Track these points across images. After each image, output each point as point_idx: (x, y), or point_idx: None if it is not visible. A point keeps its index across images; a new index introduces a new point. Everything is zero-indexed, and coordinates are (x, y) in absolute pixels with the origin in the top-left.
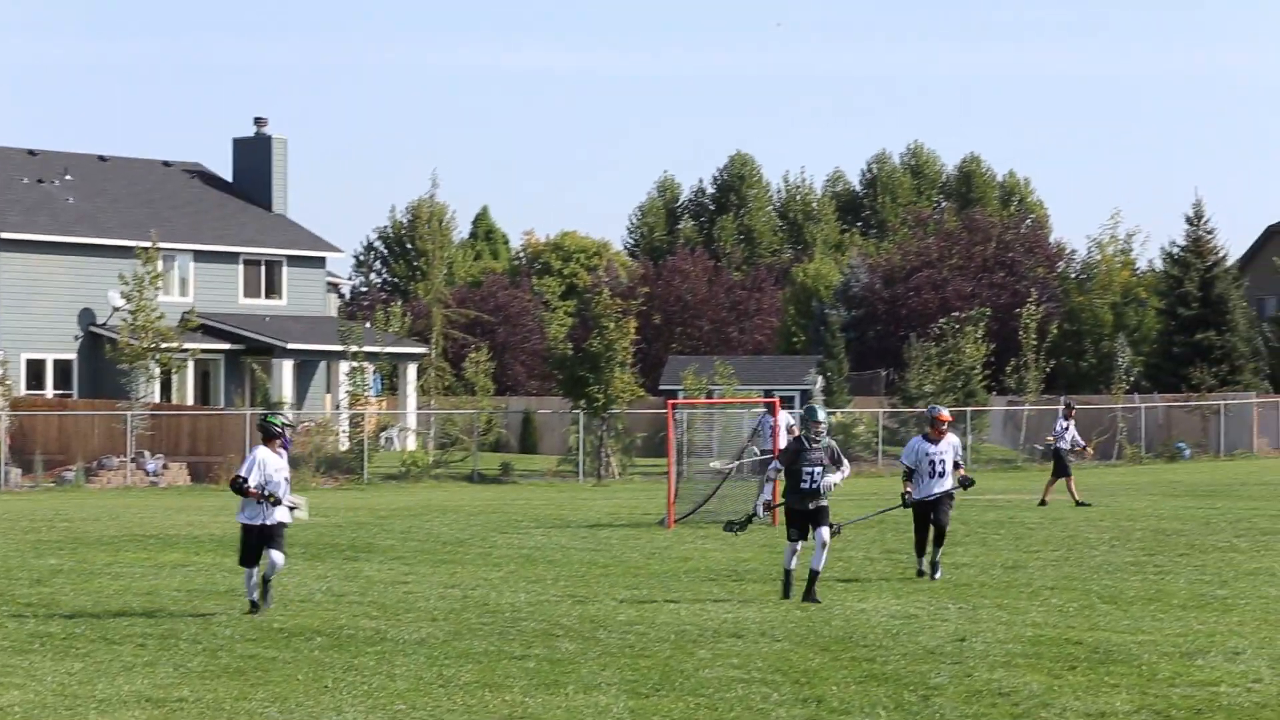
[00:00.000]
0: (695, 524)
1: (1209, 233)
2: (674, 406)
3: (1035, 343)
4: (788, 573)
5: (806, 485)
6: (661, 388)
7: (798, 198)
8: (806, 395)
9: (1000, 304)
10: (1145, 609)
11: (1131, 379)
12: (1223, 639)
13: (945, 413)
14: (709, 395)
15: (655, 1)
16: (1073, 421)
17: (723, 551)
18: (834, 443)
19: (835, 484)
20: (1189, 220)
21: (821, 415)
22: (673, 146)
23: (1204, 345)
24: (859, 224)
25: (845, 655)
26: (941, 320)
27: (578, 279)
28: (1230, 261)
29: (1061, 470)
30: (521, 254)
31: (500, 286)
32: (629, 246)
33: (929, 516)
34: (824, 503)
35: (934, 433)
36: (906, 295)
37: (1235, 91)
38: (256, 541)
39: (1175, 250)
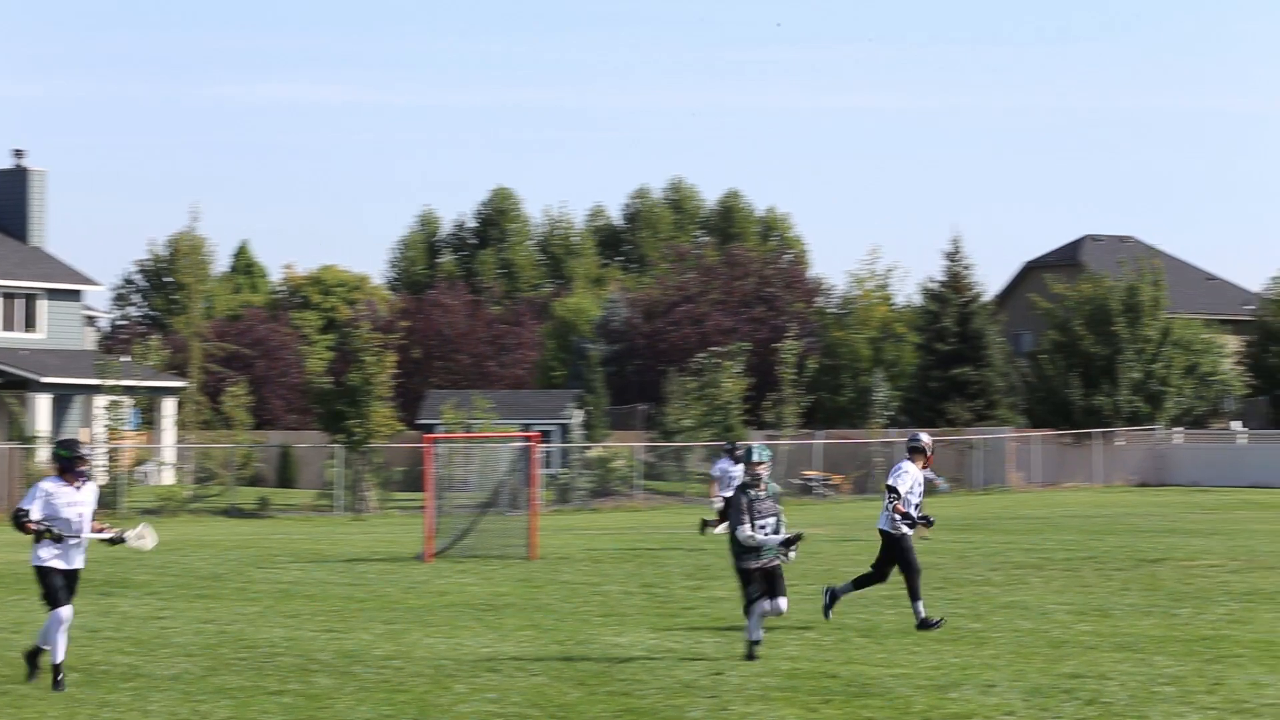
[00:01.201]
0: (453, 558)
1: (966, 269)
2: (432, 441)
3: (794, 377)
4: (754, 643)
5: (762, 540)
6: (420, 422)
7: (558, 232)
8: (565, 430)
9: (759, 338)
10: (900, 642)
11: (889, 413)
12: (977, 672)
13: (930, 440)
14: (468, 429)
15: (415, 34)
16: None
17: (480, 586)
18: (778, 487)
19: (791, 557)
20: (947, 256)
21: (761, 454)
22: (434, 180)
23: (961, 380)
24: (619, 258)
25: (602, 689)
26: (701, 355)
27: (337, 313)
28: (987, 297)
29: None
30: (281, 288)
31: (259, 320)
32: (389, 280)
33: (906, 555)
34: (778, 562)
35: (918, 458)
36: (666, 329)
37: (993, 129)
38: (65, 584)
39: (933, 286)
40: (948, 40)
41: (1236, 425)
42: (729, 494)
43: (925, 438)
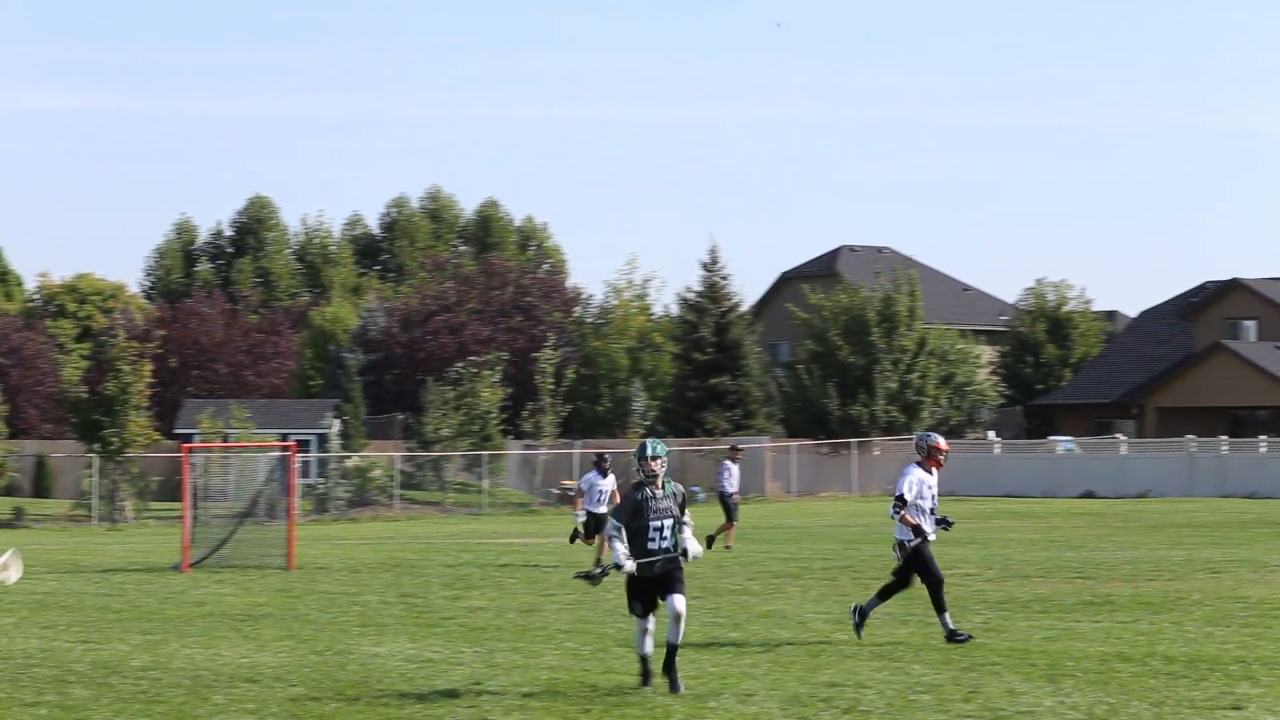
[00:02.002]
0: (210, 568)
1: (724, 279)
2: (189, 450)
3: (552, 387)
4: (644, 659)
5: (655, 544)
6: (177, 431)
7: (316, 241)
8: (323, 439)
9: (517, 348)
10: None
11: (647, 423)
12: (735, 681)
13: (944, 442)
14: (225, 439)
15: (171, 40)
16: (738, 465)
17: (238, 596)
18: (681, 487)
19: (697, 554)
20: (705, 267)
21: (656, 449)
22: (191, 188)
23: (718, 390)
24: (377, 267)
25: (361, 700)
26: (459, 364)
27: (93, 321)
28: (745, 307)
29: (730, 515)
30: (36, 296)
31: (14, 329)
32: (145, 289)
33: (924, 562)
34: (678, 566)
35: (931, 463)
36: (424, 339)
37: (750, 140)
38: None
39: (691, 296)
40: (701, 51)
41: (991, 435)
42: (597, 509)
43: (938, 439)
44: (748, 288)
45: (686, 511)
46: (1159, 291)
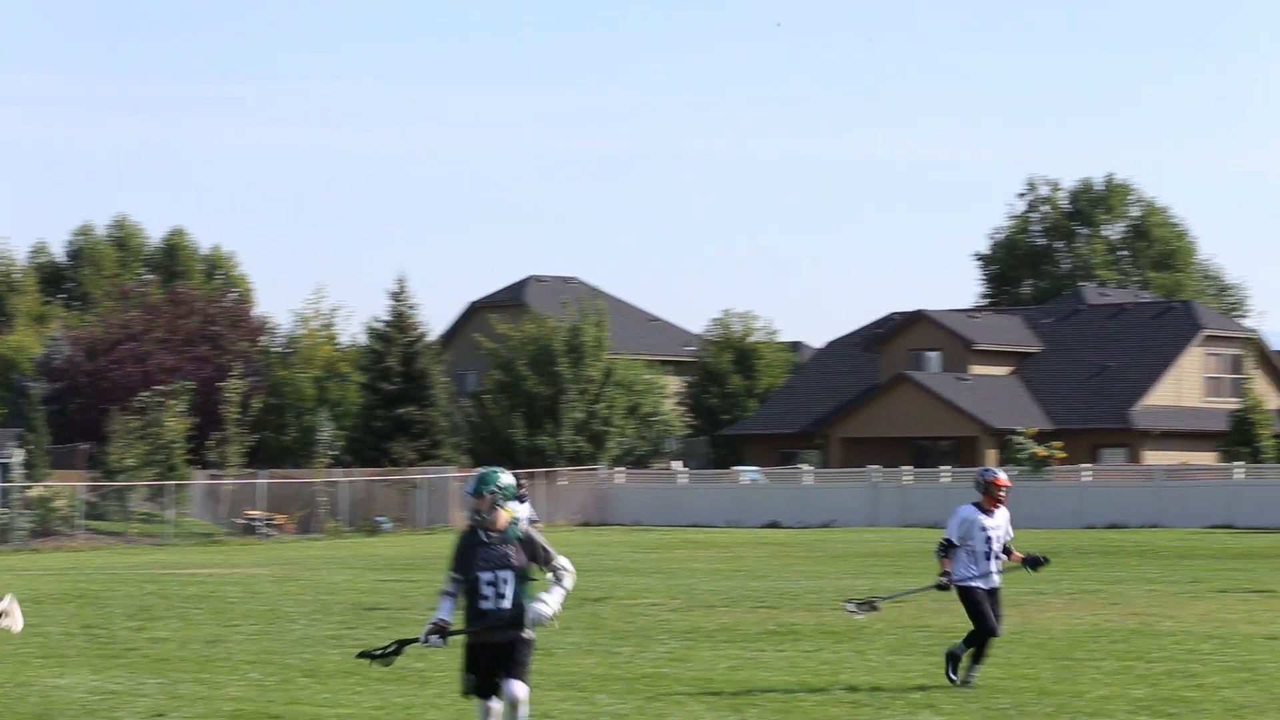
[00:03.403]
0: None
1: (411, 309)
2: None
3: (238, 416)
4: None
5: (489, 604)
6: None
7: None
8: (5, 469)
9: (203, 377)
10: (345, 682)
11: (334, 452)
12: (420, 712)
13: (1004, 476)
14: None
15: None
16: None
17: None
18: (537, 533)
19: (547, 616)
20: (392, 296)
21: (494, 481)
22: None
23: (405, 419)
24: (62, 295)
25: None
26: (144, 393)
27: None
28: (432, 337)
29: None
30: None
31: None
32: None
33: (977, 611)
34: (523, 634)
35: (989, 502)
36: (109, 368)
37: (437, 169)
38: None
39: (378, 326)
40: (390, 78)
41: (677, 465)
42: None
43: (998, 474)
44: (435, 317)
45: (557, 558)
46: (844, 323)
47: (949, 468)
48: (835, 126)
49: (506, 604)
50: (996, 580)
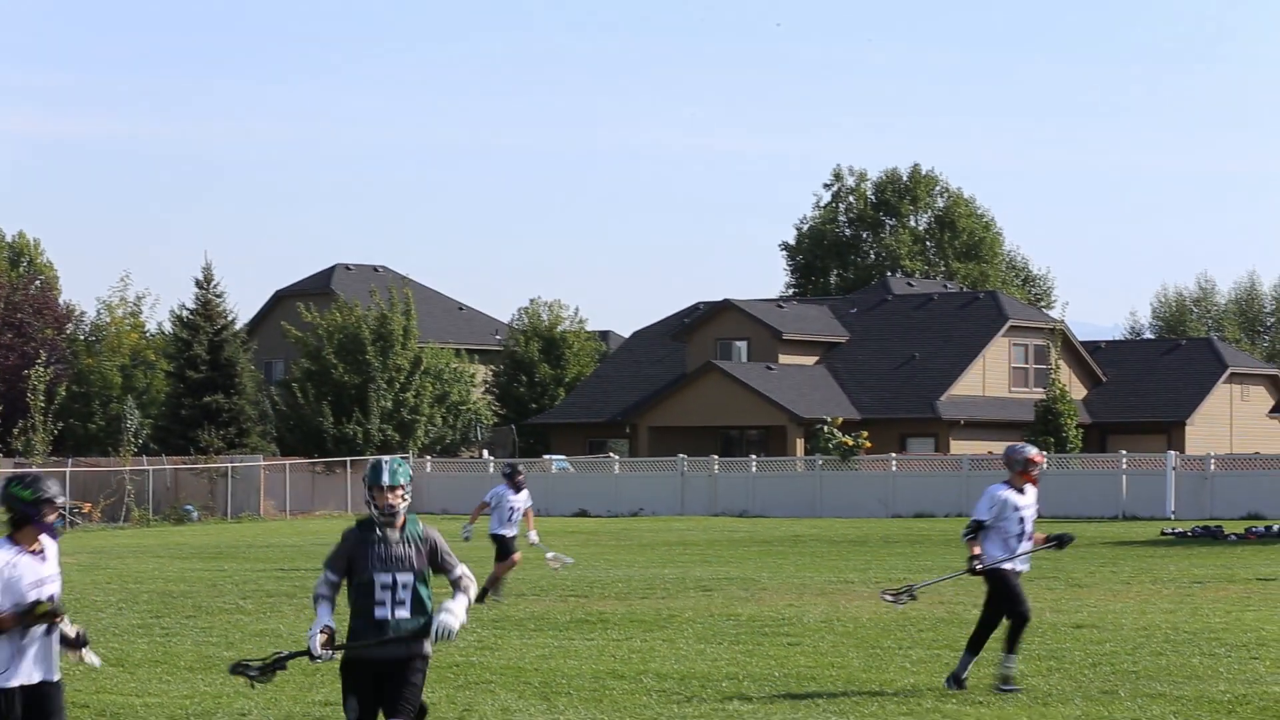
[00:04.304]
0: None
1: (219, 296)
2: None
3: (44, 405)
4: None
5: (385, 611)
6: None
7: None
8: None
9: (8, 366)
10: (152, 671)
11: (140, 441)
12: (230, 700)
13: (1038, 453)
14: None
15: None
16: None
17: None
18: (439, 535)
19: (456, 629)
20: (199, 284)
21: (397, 475)
22: None
23: (213, 408)
24: None
25: None
26: None
27: None
28: (240, 325)
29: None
30: None
31: None
32: None
33: (1011, 594)
34: (420, 651)
35: (1024, 479)
36: None
37: (244, 157)
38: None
39: (185, 314)
40: (198, 67)
41: (486, 454)
42: (504, 530)
43: (1031, 451)
44: (243, 305)
45: (459, 566)
46: (652, 312)
47: (756, 457)
48: (643, 117)
49: (405, 613)
50: (1027, 563)
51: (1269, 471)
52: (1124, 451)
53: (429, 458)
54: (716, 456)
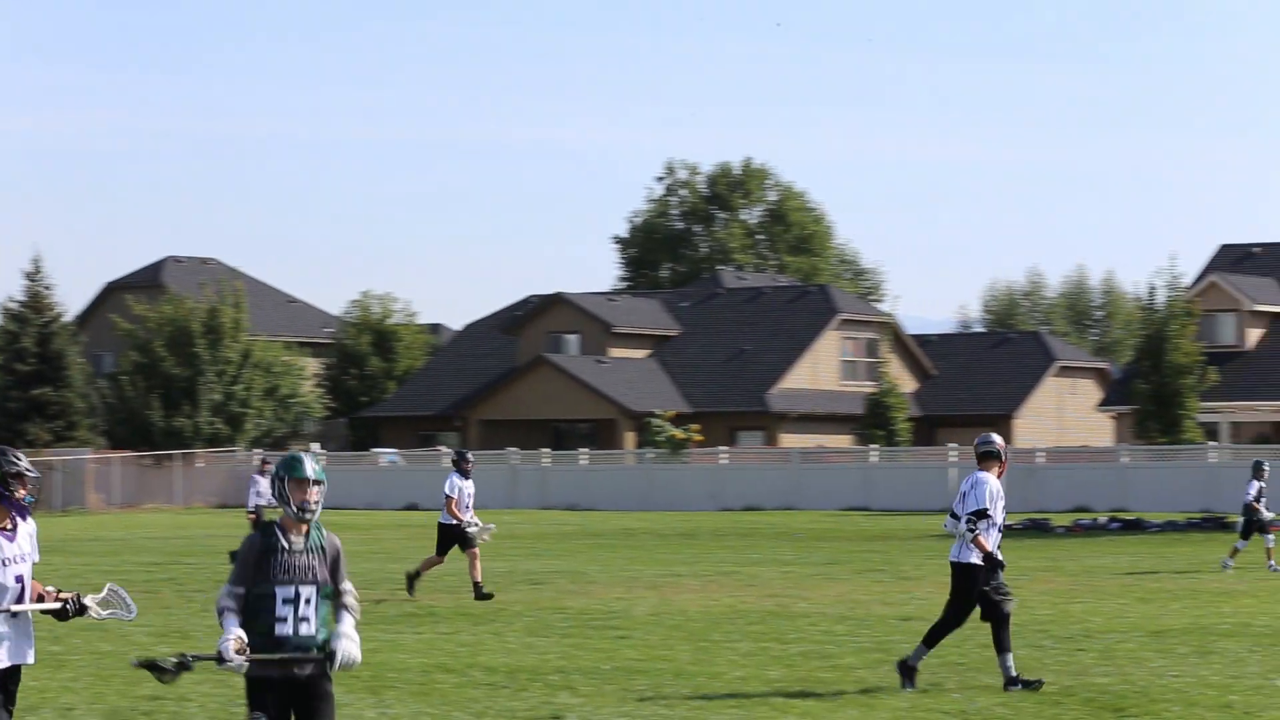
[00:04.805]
0: None
1: (48, 289)
2: None
3: None
4: None
5: (287, 628)
6: None
7: None
8: None
9: None
10: None
11: None
12: (55, 695)
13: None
14: None
15: None
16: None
17: None
18: (338, 543)
19: (358, 659)
20: (27, 276)
21: (318, 471)
22: None
23: (41, 401)
24: None
25: None
26: None
27: None
28: (69, 318)
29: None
30: None
31: None
32: None
33: (970, 598)
34: (329, 670)
35: (1002, 468)
36: None
37: (74, 149)
38: None
39: (13, 306)
40: (29, 57)
41: (316, 447)
42: (450, 520)
43: (998, 440)
44: (72, 297)
45: (348, 582)
46: (483, 305)
47: (587, 450)
48: (476, 110)
49: (309, 629)
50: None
51: (1096, 464)
52: (953, 444)
53: (259, 451)
54: (547, 450)
